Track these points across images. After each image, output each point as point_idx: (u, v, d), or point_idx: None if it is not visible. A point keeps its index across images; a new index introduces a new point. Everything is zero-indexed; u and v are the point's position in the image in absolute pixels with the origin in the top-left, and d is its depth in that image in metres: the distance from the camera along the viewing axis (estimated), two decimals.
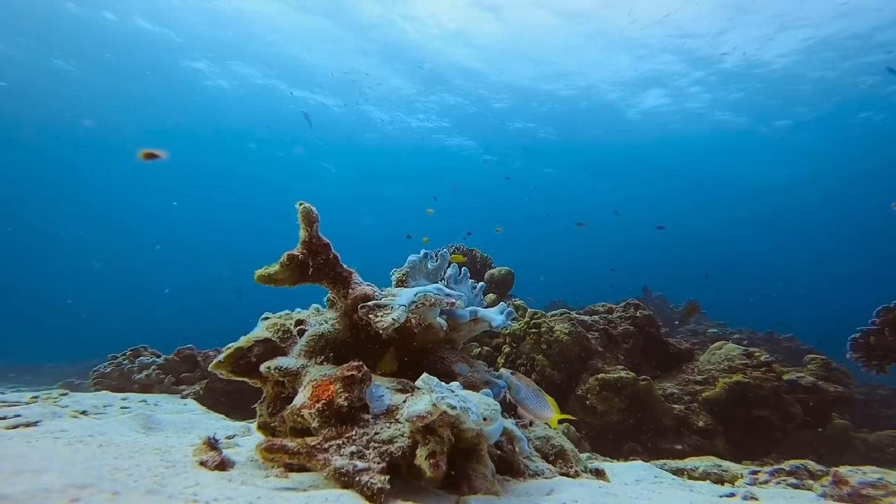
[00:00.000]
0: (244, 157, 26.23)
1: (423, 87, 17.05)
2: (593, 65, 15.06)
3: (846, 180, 23.69)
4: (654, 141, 19.69)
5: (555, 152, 22.17)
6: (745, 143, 20.14)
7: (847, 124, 17.46)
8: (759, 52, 13.42)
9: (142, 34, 14.52)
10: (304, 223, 1.47)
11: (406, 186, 28.86)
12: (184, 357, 4.49)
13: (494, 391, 1.68)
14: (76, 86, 17.20)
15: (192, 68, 16.53)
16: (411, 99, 18.00)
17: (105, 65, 15.98)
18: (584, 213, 22.56)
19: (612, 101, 17.18)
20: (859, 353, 3.61)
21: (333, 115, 19.41)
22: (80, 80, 16.83)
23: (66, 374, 8.81)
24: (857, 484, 1.82)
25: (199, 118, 20.54)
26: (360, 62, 15.29)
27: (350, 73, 15.81)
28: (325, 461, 1.08)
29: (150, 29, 14.35)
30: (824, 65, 13.84)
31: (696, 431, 3.55)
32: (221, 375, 1.50)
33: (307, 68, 16.11)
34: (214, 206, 36.21)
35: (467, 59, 15.21)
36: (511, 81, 16.50)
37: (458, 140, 21.50)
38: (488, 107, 18.38)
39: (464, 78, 16.36)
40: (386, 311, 1.39)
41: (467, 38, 14.16)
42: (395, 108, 18.97)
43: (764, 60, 13.90)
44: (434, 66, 15.60)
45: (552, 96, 17.25)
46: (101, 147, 23.56)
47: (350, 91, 16.99)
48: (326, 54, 15.13)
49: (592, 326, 4.34)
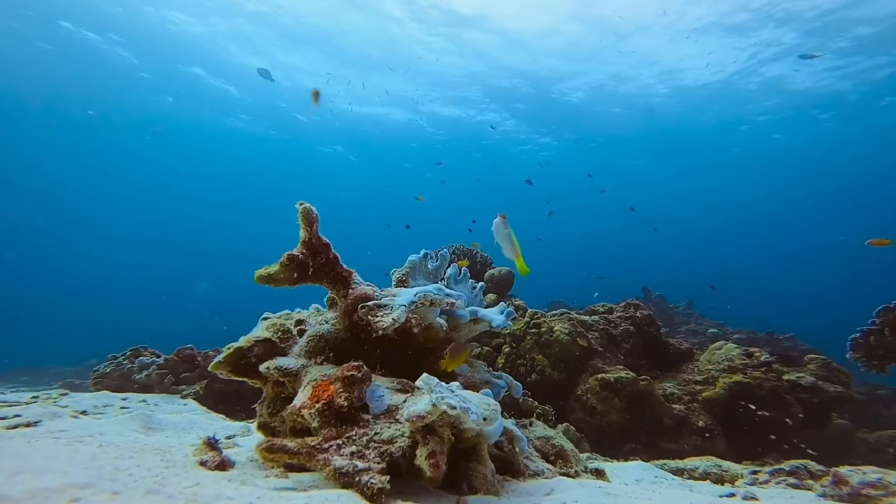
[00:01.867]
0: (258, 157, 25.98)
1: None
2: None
3: (845, 179, 23.76)
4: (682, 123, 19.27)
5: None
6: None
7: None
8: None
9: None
10: (304, 223, 1.47)
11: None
12: (184, 357, 4.48)
13: (494, 391, 1.68)
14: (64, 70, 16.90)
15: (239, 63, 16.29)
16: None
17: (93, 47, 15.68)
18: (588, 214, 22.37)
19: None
20: (859, 353, 3.61)
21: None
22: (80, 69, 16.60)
23: (66, 374, 8.81)
24: (857, 484, 1.82)
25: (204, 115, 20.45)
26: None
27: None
28: (325, 461, 1.08)
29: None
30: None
31: (696, 431, 3.55)
32: (221, 375, 1.50)
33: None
34: (214, 207, 36.26)
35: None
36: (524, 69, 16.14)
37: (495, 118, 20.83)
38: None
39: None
40: (386, 311, 1.39)
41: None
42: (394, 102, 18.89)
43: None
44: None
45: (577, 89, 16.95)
46: (99, 141, 23.52)
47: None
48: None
49: (592, 326, 4.34)
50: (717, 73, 14.74)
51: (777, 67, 14.04)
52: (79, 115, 19.98)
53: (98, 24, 14.03)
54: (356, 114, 18.84)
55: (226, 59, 15.80)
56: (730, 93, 15.97)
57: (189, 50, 15.39)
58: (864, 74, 14.09)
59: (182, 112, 20.02)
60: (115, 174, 28.29)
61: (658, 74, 15.33)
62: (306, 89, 16.91)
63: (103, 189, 30.81)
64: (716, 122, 18.34)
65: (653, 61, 14.54)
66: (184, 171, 28.93)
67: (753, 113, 17.50)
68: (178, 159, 26.62)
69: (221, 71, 16.62)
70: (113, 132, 21.86)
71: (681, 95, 16.61)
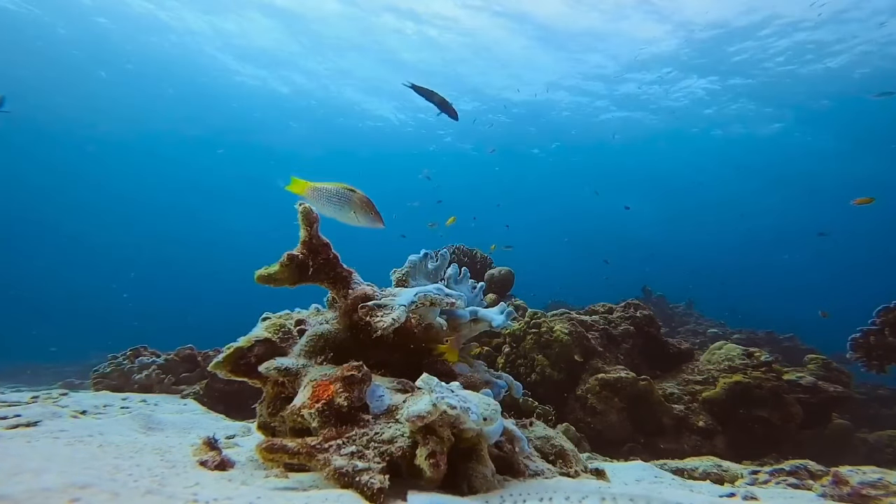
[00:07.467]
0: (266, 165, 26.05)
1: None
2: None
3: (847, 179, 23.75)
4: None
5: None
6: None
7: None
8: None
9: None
10: (304, 223, 1.47)
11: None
12: (184, 357, 4.48)
13: (494, 391, 1.68)
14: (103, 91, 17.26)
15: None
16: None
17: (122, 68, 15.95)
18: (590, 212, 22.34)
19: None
20: (859, 353, 3.61)
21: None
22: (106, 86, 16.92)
23: (66, 374, 8.81)
24: (857, 484, 1.82)
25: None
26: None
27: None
28: (325, 461, 1.08)
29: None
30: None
31: (696, 431, 3.55)
32: (221, 375, 1.50)
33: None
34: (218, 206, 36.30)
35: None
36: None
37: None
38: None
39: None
40: (386, 311, 1.39)
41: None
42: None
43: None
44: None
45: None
46: (103, 145, 23.60)
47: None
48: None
49: (592, 326, 4.34)
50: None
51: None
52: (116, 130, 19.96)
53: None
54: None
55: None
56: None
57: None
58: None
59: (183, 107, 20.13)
60: (113, 176, 28.35)
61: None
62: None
63: (105, 187, 30.88)
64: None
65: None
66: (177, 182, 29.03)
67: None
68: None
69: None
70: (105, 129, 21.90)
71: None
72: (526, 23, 13.25)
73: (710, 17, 12.12)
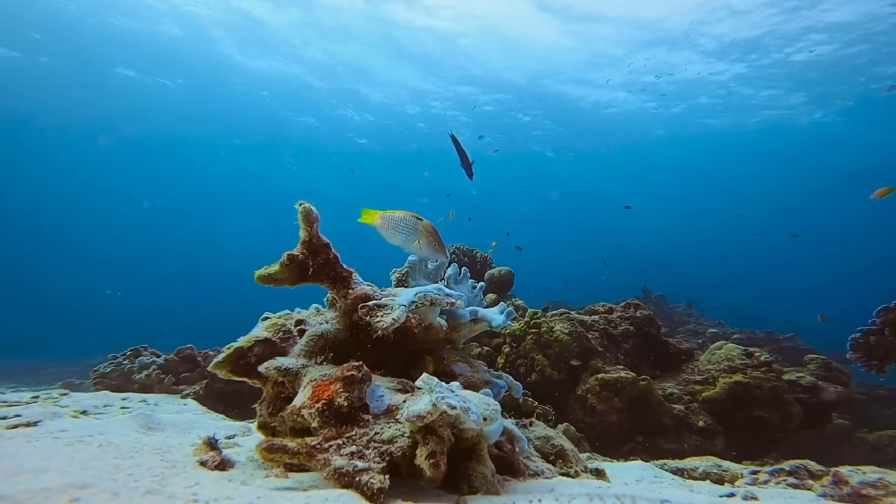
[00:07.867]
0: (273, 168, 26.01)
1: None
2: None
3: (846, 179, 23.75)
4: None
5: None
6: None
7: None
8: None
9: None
10: (304, 223, 1.47)
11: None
12: (184, 357, 4.48)
13: (494, 391, 1.68)
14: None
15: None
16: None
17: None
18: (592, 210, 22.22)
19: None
20: (859, 353, 3.61)
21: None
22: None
23: (66, 374, 8.81)
24: (857, 484, 1.82)
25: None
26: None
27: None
28: (325, 461, 1.08)
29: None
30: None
31: (696, 431, 3.55)
32: (221, 375, 1.50)
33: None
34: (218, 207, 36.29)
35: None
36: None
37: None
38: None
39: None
40: (386, 311, 1.39)
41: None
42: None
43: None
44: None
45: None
46: (106, 145, 23.60)
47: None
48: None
49: (592, 326, 4.34)
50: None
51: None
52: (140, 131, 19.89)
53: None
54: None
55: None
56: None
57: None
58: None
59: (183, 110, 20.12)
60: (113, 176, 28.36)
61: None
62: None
63: (106, 186, 30.89)
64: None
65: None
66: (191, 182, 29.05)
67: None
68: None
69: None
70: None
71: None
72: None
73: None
